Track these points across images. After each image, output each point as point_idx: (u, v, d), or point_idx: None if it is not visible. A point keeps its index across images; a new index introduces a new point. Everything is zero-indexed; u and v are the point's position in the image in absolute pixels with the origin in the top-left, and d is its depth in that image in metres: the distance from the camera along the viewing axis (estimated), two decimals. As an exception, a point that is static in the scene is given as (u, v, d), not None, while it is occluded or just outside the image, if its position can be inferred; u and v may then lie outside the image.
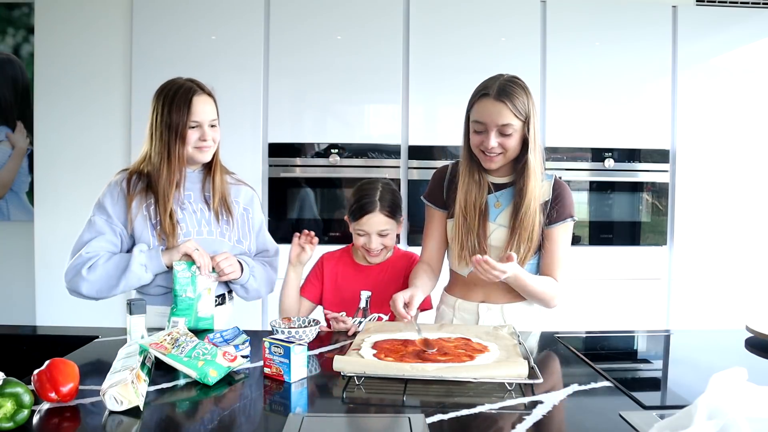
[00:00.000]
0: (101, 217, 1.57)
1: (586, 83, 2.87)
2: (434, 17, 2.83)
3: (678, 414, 0.79)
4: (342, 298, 1.73)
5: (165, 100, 1.57)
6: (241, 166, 2.82)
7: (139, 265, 1.52)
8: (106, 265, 1.53)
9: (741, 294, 2.91)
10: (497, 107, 1.50)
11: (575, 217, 1.62)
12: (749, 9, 2.92)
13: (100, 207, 1.59)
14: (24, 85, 3.16)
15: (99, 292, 1.55)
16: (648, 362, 1.50)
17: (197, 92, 1.58)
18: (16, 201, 3.20)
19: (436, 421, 0.97)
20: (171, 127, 1.55)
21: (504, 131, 1.51)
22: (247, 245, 1.71)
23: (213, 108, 1.63)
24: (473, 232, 1.57)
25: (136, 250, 1.54)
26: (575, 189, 2.88)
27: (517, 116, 1.51)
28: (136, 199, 1.57)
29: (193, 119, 1.56)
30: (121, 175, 1.63)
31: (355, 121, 2.86)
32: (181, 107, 1.55)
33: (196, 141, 1.58)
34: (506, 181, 1.62)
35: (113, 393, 0.99)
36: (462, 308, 1.66)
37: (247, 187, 1.77)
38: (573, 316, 2.84)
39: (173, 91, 1.57)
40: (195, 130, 1.58)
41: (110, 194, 1.59)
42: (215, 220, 1.65)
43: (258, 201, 1.79)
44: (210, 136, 1.60)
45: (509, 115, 1.50)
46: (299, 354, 1.18)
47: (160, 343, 1.23)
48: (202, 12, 2.79)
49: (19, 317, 3.05)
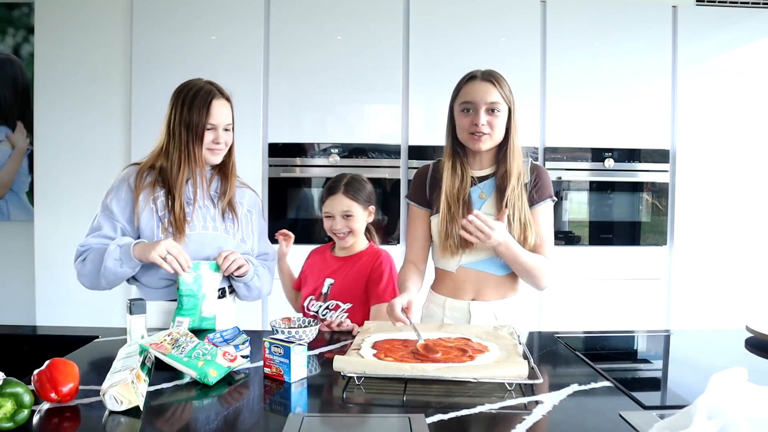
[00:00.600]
0: (104, 213, 1.60)
1: (586, 83, 2.87)
2: (434, 17, 2.83)
3: (678, 414, 0.79)
4: (314, 287, 1.85)
5: (185, 99, 1.60)
6: (241, 166, 2.81)
7: (113, 260, 1.51)
8: (93, 257, 1.54)
9: (741, 294, 2.91)
10: (485, 86, 1.60)
11: (554, 198, 1.67)
12: (749, 9, 2.92)
13: (105, 203, 1.61)
14: (24, 85, 3.16)
15: (92, 285, 1.57)
16: (648, 362, 1.49)
17: (216, 95, 1.63)
18: (16, 201, 3.20)
19: (436, 421, 0.97)
20: (190, 127, 1.59)
21: (493, 108, 1.58)
22: (250, 245, 1.72)
23: (229, 112, 1.68)
24: (457, 221, 1.59)
25: (112, 245, 1.53)
26: (575, 189, 2.88)
27: (503, 98, 1.59)
28: (143, 193, 1.59)
29: (211, 122, 1.61)
30: (130, 169, 1.65)
31: (355, 121, 2.86)
32: (200, 109, 1.59)
33: (210, 143, 1.62)
34: (488, 173, 1.66)
35: (113, 393, 0.99)
36: (452, 307, 1.66)
37: (251, 191, 1.80)
38: (573, 316, 2.85)
39: (194, 91, 1.61)
40: (210, 132, 1.62)
41: (116, 190, 1.61)
42: (220, 217, 1.67)
43: (260, 206, 1.82)
44: (223, 139, 1.65)
45: (497, 94, 1.59)
46: (299, 354, 1.18)
47: (160, 344, 1.23)
48: (202, 12, 2.80)
49: (19, 317, 3.05)
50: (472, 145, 1.61)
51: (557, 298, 2.81)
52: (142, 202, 1.58)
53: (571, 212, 2.92)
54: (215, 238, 1.63)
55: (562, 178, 2.86)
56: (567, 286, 2.85)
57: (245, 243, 1.70)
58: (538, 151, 2.85)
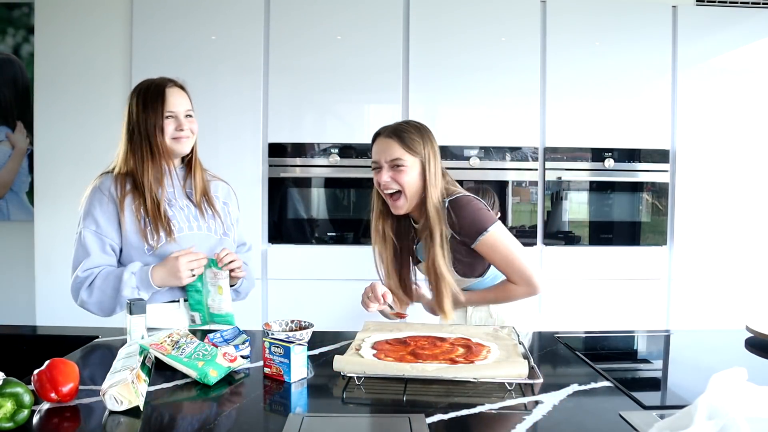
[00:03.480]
0: (90, 228, 1.56)
1: (586, 83, 2.87)
2: (434, 17, 2.83)
3: (678, 414, 0.79)
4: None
5: (139, 97, 1.60)
6: (241, 166, 2.84)
7: (130, 288, 1.51)
8: (102, 286, 1.53)
9: (741, 294, 2.91)
10: (387, 143, 1.58)
11: (488, 229, 1.56)
12: (749, 9, 2.92)
13: (88, 217, 1.56)
14: (24, 85, 3.16)
15: (102, 311, 1.56)
16: (648, 362, 1.50)
17: (168, 84, 1.62)
18: (16, 201, 3.20)
19: (436, 421, 0.97)
20: (148, 121, 1.57)
21: (396, 164, 1.56)
22: (232, 237, 1.73)
23: (186, 99, 1.65)
24: (405, 281, 1.70)
25: (126, 273, 1.51)
26: (575, 189, 2.88)
27: (409, 152, 1.56)
28: (126, 200, 1.56)
29: (168, 110, 1.59)
30: (103, 178, 1.61)
31: (355, 121, 2.86)
32: (155, 100, 1.58)
33: (173, 132, 1.60)
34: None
35: (113, 393, 0.99)
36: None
37: (222, 183, 1.80)
38: (573, 316, 2.85)
39: (145, 87, 1.61)
40: (171, 120, 1.60)
41: (98, 202, 1.57)
42: (200, 215, 1.66)
43: (234, 195, 1.82)
44: (187, 126, 1.62)
45: (399, 150, 1.56)
46: (299, 354, 1.18)
47: (161, 344, 1.23)
48: (202, 12, 2.79)
49: (19, 317, 3.04)
50: (392, 207, 1.62)
51: (557, 298, 2.81)
52: (126, 211, 1.56)
53: (571, 212, 2.92)
54: (200, 238, 1.63)
55: (562, 178, 2.86)
56: (567, 286, 2.85)
57: (227, 236, 1.70)
58: (538, 151, 2.85)
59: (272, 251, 2.80)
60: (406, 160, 1.55)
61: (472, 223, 1.57)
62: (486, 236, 1.56)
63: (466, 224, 1.57)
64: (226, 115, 2.76)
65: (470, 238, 1.57)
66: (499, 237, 1.58)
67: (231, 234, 1.72)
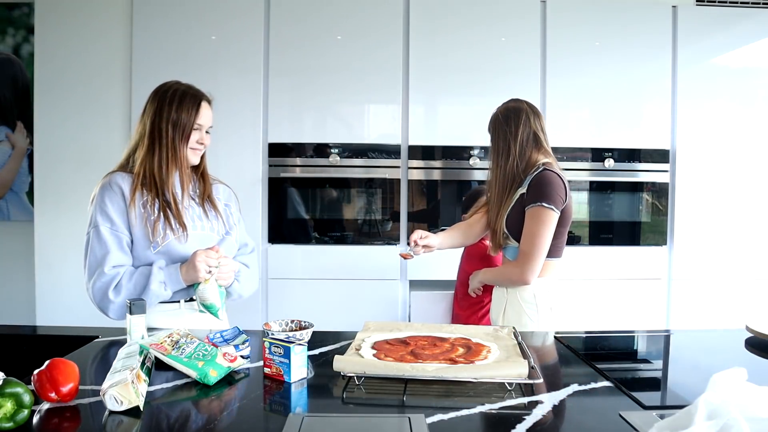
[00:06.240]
0: (106, 225, 1.56)
1: (586, 83, 2.87)
2: (434, 17, 2.83)
3: (678, 414, 0.79)
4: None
5: (173, 98, 1.62)
6: (241, 166, 2.84)
7: (158, 283, 1.55)
8: (129, 285, 1.55)
9: (741, 294, 2.91)
10: None
11: (543, 204, 1.78)
12: (749, 9, 2.92)
13: (102, 214, 1.57)
14: (24, 85, 3.16)
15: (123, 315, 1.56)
16: (648, 362, 1.50)
17: (204, 98, 1.68)
18: (16, 201, 3.20)
19: (436, 421, 0.97)
20: (177, 126, 1.61)
21: None
22: (234, 237, 1.75)
23: (212, 116, 1.72)
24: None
25: (155, 267, 1.55)
26: (575, 189, 2.88)
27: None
28: (135, 197, 1.59)
29: (198, 122, 1.65)
30: (112, 176, 1.62)
31: (355, 121, 2.86)
32: (190, 108, 1.63)
33: (194, 143, 1.66)
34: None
35: (113, 393, 0.99)
36: None
37: (224, 185, 1.84)
38: (573, 316, 2.84)
39: (181, 92, 1.64)
40: (197, 132, 1.66)
41: (109, 199, 1.58)
42: (204, 215, 1.70)
43: (235, 198, 1.85)
44: (206, 141, 1.70)
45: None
46: (299, 354, 1.18)
47: (161, 344, 1.23)
48: (202, 12, 2.79)
49: (19, 317, 3.05)
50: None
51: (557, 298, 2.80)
52: (136, 206, 1.58)
53: (571, 212, 2.92)
54: (205, 238, 1.66)
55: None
56: (567, 286, 2.84)
57: (230, 236, 1.74)
58: (538, 151, 2.85)
59: (272, 251, 2.80)
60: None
61: (535, 193, 1.79)
62: (535, 207, 1.78)
63: (532, 192, 1.80)
64: (226, 115, 2.75)
65: (528, 200, 1.80)
66: (539, 214, 1.78)
67: (234, 233, 1.76)
